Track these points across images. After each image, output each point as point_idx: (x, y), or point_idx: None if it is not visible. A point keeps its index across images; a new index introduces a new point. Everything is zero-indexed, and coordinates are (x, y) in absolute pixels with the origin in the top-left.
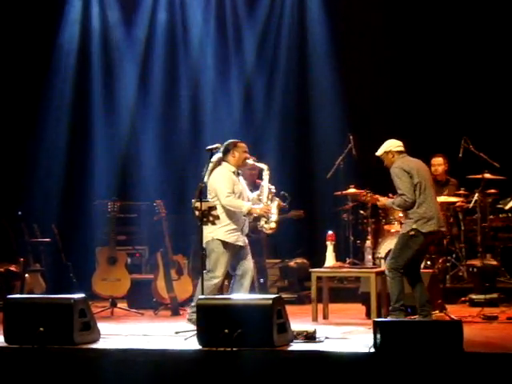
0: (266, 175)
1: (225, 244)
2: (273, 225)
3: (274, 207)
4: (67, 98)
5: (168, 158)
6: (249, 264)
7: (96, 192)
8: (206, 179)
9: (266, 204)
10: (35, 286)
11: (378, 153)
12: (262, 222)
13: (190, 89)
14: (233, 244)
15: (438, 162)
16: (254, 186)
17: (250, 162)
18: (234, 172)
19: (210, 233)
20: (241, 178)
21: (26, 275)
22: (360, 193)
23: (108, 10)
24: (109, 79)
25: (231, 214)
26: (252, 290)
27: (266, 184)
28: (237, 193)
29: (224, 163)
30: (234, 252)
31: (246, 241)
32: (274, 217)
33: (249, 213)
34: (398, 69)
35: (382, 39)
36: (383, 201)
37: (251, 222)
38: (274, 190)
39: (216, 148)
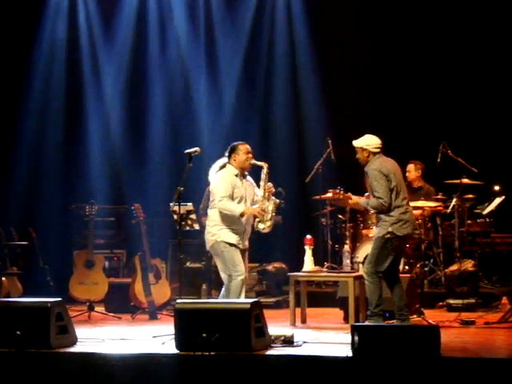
0: (263, 174)
1: (230, 244)
2: (267, 224)
3: (270, 206)
4: (46, 101)
5: (146, 162)
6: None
7: (74, 195)
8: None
9: (261, 203)
10: (12, 290)
11: (356, 144)
12: (256, 223)
13: (171, 93)
14: (236, 245)
15: (408, 169)
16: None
17: (252, 161)
18: (236, 175)
19: (212, 236)
20: (250, 179)
21: (3, 278)
22: (333, 192)
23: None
24: (94, 83)
25: (230, 217)
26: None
27: (262, 183)
28: (237, 196)
29: (228, 166)
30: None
31: (247, 244)
32: (268, 216)
33: (241, 215)
34: (378, 74)
35: (362, 44)
36: (356, 199)
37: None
38: (273, 190)
39: (195, 152)
